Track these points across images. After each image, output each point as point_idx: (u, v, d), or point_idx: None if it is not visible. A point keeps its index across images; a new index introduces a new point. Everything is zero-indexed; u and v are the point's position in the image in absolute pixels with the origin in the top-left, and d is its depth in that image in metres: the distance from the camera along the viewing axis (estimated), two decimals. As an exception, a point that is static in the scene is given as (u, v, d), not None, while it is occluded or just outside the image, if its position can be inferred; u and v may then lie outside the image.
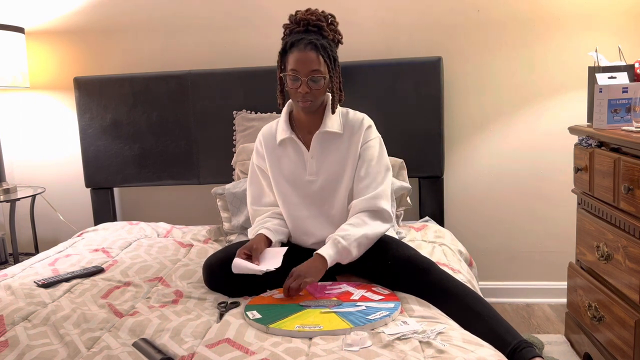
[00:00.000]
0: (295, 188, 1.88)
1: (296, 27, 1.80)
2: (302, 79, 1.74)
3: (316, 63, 1.74)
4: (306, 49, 1.74)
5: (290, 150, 1.89)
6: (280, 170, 1.90)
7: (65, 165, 2.95)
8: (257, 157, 1.97)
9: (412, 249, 1.78)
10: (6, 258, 2.81)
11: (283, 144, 1.90)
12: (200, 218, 2.82)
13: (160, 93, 2.70)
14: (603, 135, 1.90)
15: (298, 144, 1.88)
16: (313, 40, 1.75)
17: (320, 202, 1.88)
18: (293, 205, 1.89)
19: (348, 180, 1.86)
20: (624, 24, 2.54)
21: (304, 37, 1.75)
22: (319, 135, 1.86)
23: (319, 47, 1.75)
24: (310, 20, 1.79)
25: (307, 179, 1.87)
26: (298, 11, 1.83)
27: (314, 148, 1.86)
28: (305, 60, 1.74)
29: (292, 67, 1.75)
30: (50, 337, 1.47)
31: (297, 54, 1.74)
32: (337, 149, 1.86)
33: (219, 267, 1.78)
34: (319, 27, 1.79)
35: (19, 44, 2.69)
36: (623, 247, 1.77)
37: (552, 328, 2.48)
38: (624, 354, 1.78)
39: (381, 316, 1.48)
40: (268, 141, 1.93)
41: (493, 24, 2.62)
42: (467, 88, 2.68)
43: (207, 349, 1.36)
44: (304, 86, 1.75)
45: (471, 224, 2.77)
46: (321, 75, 1.75)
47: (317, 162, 1.87)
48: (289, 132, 1.88)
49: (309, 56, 1.74)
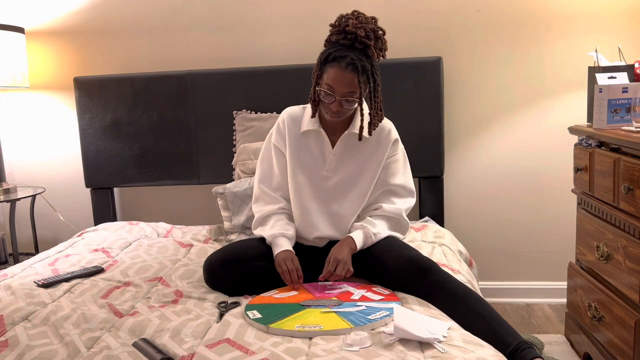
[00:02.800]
0: (310, 180, 1.88)
1: (342, 38, 1.72)
2: (336, 97, 1.71)
3: (353, 85, 1.69)
4: (347, 69, 1.68)
5: (312, 142, 1.88)
6: (298, 159, 1.88)
7: (65, 165, 2.95)
8: (277, 137, 1.92)
9: (412, 249, 1.78)
10: (6, 258, 2.81)
11: (307, 134, 1.88)
12: (200, 218, 2.82)
13: (160, 93, 2.70)
14: (603, 135, 1.90)
15: (324, 138, 1.86)
16: (355, 60, 1.68)
17: (331, 199, 1.88)
18: (304, 196, 1.88)
19: (363, 185, 1.86)
20: (624, 24, 2.54)
21: (348, 55, 1.68)
22: (348, 135, 1.85)
23: (360, 70, 1.68)
24: (358, 35, 1.70)
25: (324, 174, 1.87)
26: (349, 17, 1.72)
27: (339, 146, 1.86)
28: (344, 81, 1.69)
29: (328, 83, 1.71)
30: (50, 337, 1.47)
31: (336, 72, 1.69)
32: (361, 153, 1.87)
33: (219, 267, 1.78)
34: (365, 45, 1.71)
35: (19, 44, 2.69)
36: (623, 247, 1.77)
37: (552, 328, 2.48)
38: (624, 354, 1.78)
39: (381, 316, 1.48)
40: (293, 126, 1.89)
41: (493, 24, 2.62)
42: (467, 88, 2.68)
43: (207, 349, 1.36)
44: (336, 104, 1.72)
45: (471, 224, 2.77)
46: (356, 97, 1.71)
47: (337, 159, 1.87)
48: (318, 126, 1.86)
49: (347, 77, 1.68)
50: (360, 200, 1.87)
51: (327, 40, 1.78)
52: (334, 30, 1.75)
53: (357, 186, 1.86)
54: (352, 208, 1.87)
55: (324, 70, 1.73)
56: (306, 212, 1.88)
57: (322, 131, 1.85)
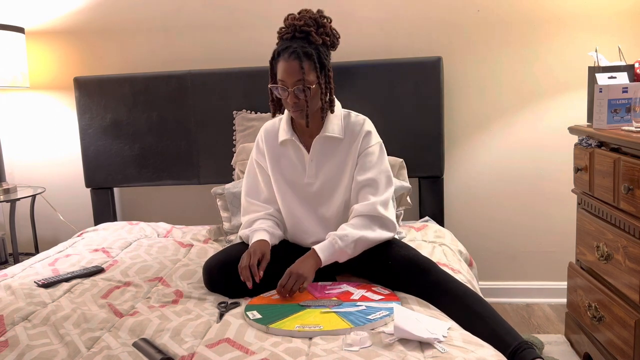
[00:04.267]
0: (294, 189, 1.88)
1: (285, 34, 1.76)
2: (288, 89, 1.72)
3: (301, 73, 1.69)
4: (290, 58, 1.70)
5: (290, 152, 1.89)
6: (279, 170, 1.89)
7: (65, 165, 2.95)
8: (257, 153, 1.95)
9: (412, 249, 1.78)
10: (6, 258, 2.81)
11: (284, 144, 1.89)
12: (200, 218, 2.83)
13: (160, 93, 2.70)
14: (603, 135, 1.90)
15: (299, 146, 1.87)
16: (297, 48, 1.70)
17: (317, 204, 1.88)
18: (292, 205, 1.89)
19: (345, 185, 1.85)
20: (624, 24, 2.54)
21: (290, 46, 1.71)
22: (320, 139, 1.84)
23: (302, 56, 1.70)
24: (297, 26, 1.73)
25: (306, 181, 1.87)
26: (289, 14, 1.78)
27: (313, 152, 1.85)
28: (290, 71, 1.70)
29: (279, 77, 1.73)
30: (50, 337, 1.47)
31: (283, 64, 1.71)
32: (337, 154, 1.85)
33: (218, 270, 1.77)
34: (306, 32, 1.73)
35: (19, 44, 2.69)
36: (623, 247, 1.77)
37: (552, 328, 2.48)
38: (624, 354, 1.78)
39: (381, 316, 1.47)
40: (270, 139, 1.92)
41: (493, 24, 2.62)
42: (467, 88, 2.68)
43: (207, 349, 1.36)
44: (291, 97, 1.72)
45: (471, 224, 2.77)
46: (307, 84, 1.71)
47: (316, 165, 1.86)
48: (290, 134, 1.86)
49: (293, 66, 1.69)
50: (344, 199, 1.86)
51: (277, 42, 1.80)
52: (280, 29, 1.78)
53: (340, 187, 1.85)
54: (338, 209, 1.86)
55: (275, 69, 1.76)
56: (296, 219, 1.89)
57: (294, 139, 1.85)
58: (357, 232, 1.72)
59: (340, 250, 1.70)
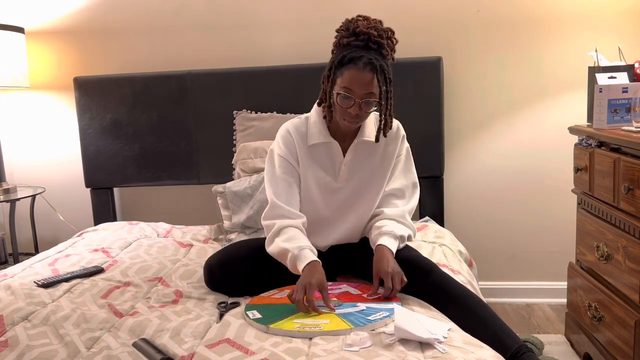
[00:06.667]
0: (322, 192, 1.81)
1: (354, 40, 1.66)
2: (355, 100, 1.64)
3: (372, 85, 1.63)
4: (365, 69, 1.61)
5: (322, 155, 1.80)
6: (310, 173, 1.80)
7: (65, 165, 2.95)
8: (286, 152, 1.78)
9: (413, 250, 1.78)
10: (6, 258, 2.81)
11: (315, 147, 1.79)
12: (200, 218, 2.82)
13: (160, 93, 2.70)
14: (603, 135, 1.90)
15: (335, 150, 1.78)
16: (373, 59, 1.62)
17: (345, 208, 1.83)
18: (318, 208, 1.82)
19: (376, 189, 1.82)
20: (624, 24, 2.54)
21: (364, 55, 1.62)
22: (357, 143, 1.78)
23: (378, 70, 1.62)
24: (371, 35, 1.64)
25: (337, 185, 1.81)
26: (357, 20, 1.68)
27: (349, 155, 1.79)
28: (363, 82, 1.61)
29: (345, 85, 1.63)
30: (50, 337, 1.47)
31: (354, 73, 1.62)
32: (371, 158, 1.81)
33: (219, 268, 1.77)
34: (379, 45, 1.66)
35: (19, 44, 2.69)
36: (623, 247, 1.77)
37: (552, 328, 2.48)
38: (624, 354, 1.78)
39: (381, 317, 1.47)
40: (301, 140, 1.80)
41: (493, 24, 2.62)
42: (467, 88, 2.68)
43: (207, 349, 1.36)
44: (355, 107, 1.64)
45: (471, 224, 2.77)
46: (375, 98, 1.65)
47: (349, 170, 1.80)
48: (329, 137, 1.77)
49: (366, 77, 1.61)
50: (374, 203, 1.83)
51: (337, 44, 1.72)
52: (343, 34, 1.69)
53: (371, 191, 1.82)
54: (365, 212, 1.83)
55: (339, 74, 1.65)
56: (320, 222, 1.82)
57: (334, 142, 1.78)
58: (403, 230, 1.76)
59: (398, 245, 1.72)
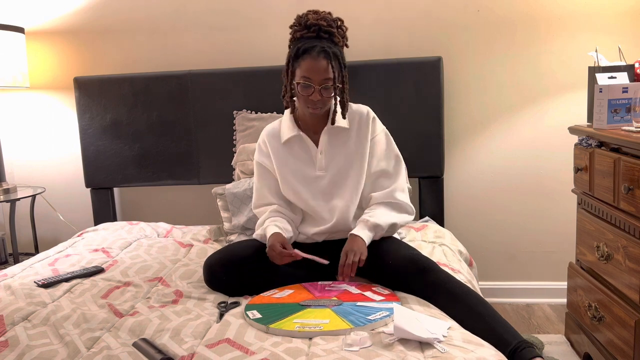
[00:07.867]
0: (303, 183, 1.91)
1: (306, 32, 1.80)
2: (315, 87, 1.76)
3: (328, 71, 1.75)
4: (319, 57, 1.75)
5: (296, 149, 1.92)
6: (288, 168, 1.92)
7: (65, 165, 2.95)
8: (260, 155, 1.98)
9: (412, 248, 1.78)
10: (6, 258, 2.81)
11: (289, 142, 1.92)
12: (200, 218, 2.82)
13: (160, 93, 2.70)
14: (603, 135, 1.90)
15: (306, 141, 1.91)
16: (325, 47, 1.75)
17: (330, 195, 1.90)
18: (303, 197, 1.91)
19: (356, 174, 1.89)
20: (624, 24, 2.54)
21: (317, 45, 1.76)
22: (328, 130, 1.89)
23: (331, 56, 1.76)
24: (321, 26, 1.79)
25: (316, 174, 1.90)
26: (308, 14, 1.82)
27: (322, 144, 1.90)
28: (319, 69, 1.75)
29: (304, 75, 1.76)
30: (50, 337, 1.47)
31: (310, 62, 1.75)
32: (345, 143, 1.90)
33: (219, 267, 1.78)
34: (330, 33, 1.80)
35: (19, 44, 2.69)
36: (623, 247, 1.77)
37: (552, 328, 2.48)
38: (624, 354, 1.78)
39: (381, 316, 1.47)
40: (273, 141, 1.95)
41: (493, 24, 2.62)
42: (467, 88, 2.68)
43: (207, 349, 1.36)
44: (316, 94, 1.77)
45: (471, 224, 2.77)
46: (333, 83, 1.77)
47: (326, 157, 1.90)
48: (297, 131, 1.90)
49: (322, 64, 1.75)
50: (358, 186, 1.89)
51: (291, 39, 1.85)
52: (296, 29, 1.82)
53: (351, 176, 1.89)
54: (350, 198, 1.89)
55: (297, 65, 1.78)
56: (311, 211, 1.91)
57: (302, 134, 1.90)
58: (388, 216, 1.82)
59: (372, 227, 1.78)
